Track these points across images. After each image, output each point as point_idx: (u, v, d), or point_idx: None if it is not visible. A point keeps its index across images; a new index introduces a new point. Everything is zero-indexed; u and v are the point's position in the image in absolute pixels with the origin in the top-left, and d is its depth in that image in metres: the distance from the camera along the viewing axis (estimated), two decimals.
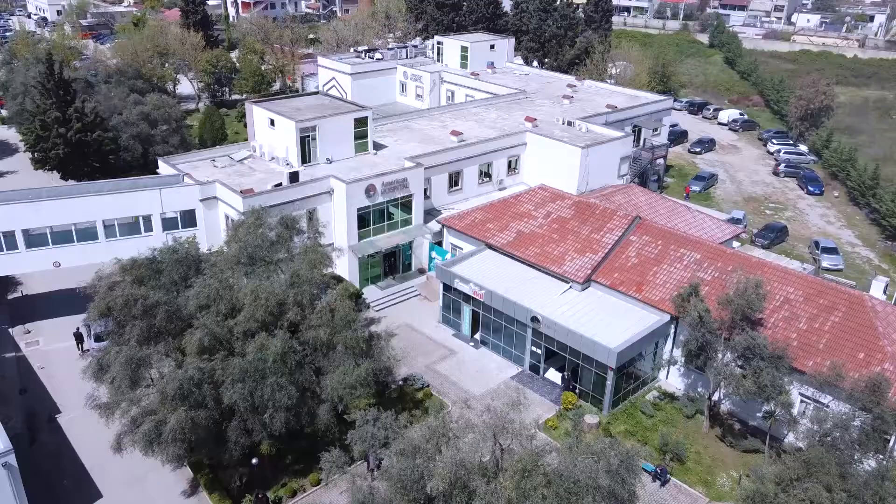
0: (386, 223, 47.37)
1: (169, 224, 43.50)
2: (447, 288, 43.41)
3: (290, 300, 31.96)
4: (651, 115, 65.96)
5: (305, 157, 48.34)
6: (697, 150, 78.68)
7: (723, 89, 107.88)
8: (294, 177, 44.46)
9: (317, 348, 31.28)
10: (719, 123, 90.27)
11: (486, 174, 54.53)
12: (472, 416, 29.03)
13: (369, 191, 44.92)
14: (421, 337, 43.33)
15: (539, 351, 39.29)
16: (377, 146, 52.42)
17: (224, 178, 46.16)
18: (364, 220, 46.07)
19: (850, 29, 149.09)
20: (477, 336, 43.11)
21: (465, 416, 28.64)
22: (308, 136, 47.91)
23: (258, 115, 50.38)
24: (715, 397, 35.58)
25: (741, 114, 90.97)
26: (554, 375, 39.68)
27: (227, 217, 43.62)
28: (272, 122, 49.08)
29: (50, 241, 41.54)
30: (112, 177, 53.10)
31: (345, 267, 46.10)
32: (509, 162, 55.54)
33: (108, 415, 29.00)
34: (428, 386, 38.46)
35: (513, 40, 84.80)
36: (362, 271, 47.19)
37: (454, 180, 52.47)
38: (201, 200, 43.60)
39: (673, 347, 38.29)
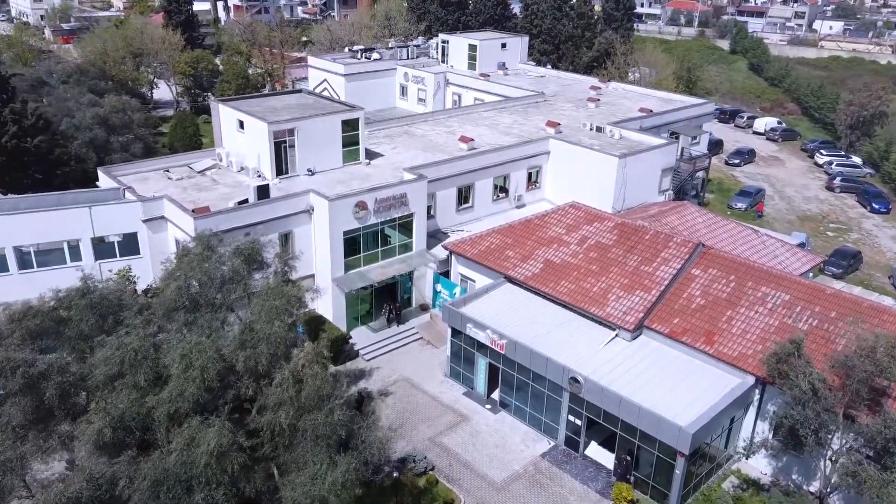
0: (380, 249, 38.15)
1: (103, 251, 34.30)
2: (457, 332, 34.12)
3: (240, 365, 22.76)
4: (690, 121, 57.03)
5: (281, 168, 39.22)
6: (736, 161, 69.65)
7: (753, 96, 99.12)
8: (263, 191, 35.31)
9: (276, 434, 21.98)
10: (755, 132, 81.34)
11: (501, 189, 45.39)
12: None
13: (359, 209, 35.76)
14: (423, 397, 33.96)
15: (578, 422, 29.92)
16: (371, 155, 43.36)
17: (178, 192, 37.08)
18: (353, 246, 36.87)
19: (878, 35, 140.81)
20: (495, 395, 33.79)
21: None
22: (284, 142, 38.81)
23: (225, 115, 41.35)
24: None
25: (779, 122, 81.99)
26: (597, 453, 30.30)
27: (177, 242, 34.43)
28: (241, 125, 40.03)
29: None
30: (64, 190, 44.00)
31: (328, 304, 36.87)
32: (529, 174, 46.41)
33: None
34: (433, 469, 29.06)
35: (526, 39, 76.00)
36: (350, 309, 37.91)
37: (464, 196, 43.32)
38: (145, 221, 34.43)
39: (757, 419, 28.89)
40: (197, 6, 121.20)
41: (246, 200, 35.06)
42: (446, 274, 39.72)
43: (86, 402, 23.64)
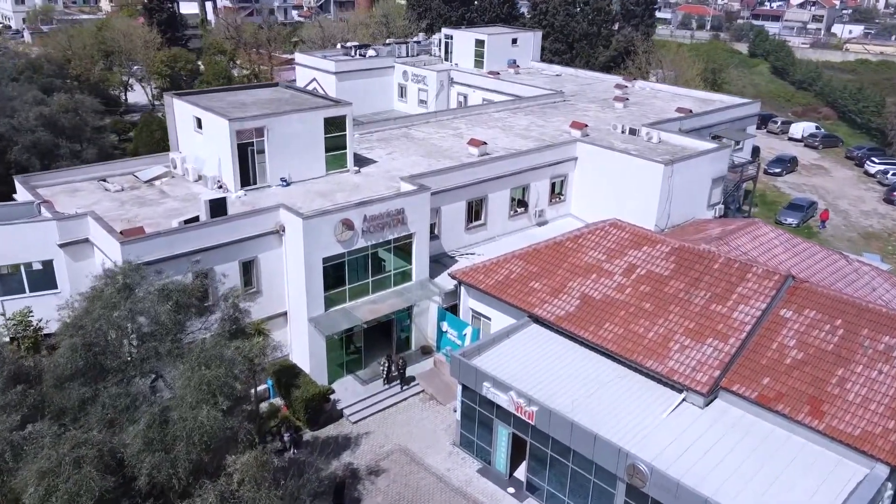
0: (371, 280, 30.23)
1: (8, 285, 26.38)
2: (469, 390, 26.14)
3: (143, 481, 14.84)
4: (733, 123, 49.39)
5: (248, 177, 31.39)
6: (777, 170, 61.85)
7: (782, 100, 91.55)
8: (219, 207, 27.39)
9: None
10: (790, 138, 73.54)
11: (520, 202, 37.55)
12: None
13: (344, 229, 27.88)
14: (426, 476, 25.92)
15: None
16: (361, 161, 35.57)
17: (113, 208, 29.25)
18: (336, 276, 28.97)
19: None
20: (520, 473, 25.78)
21: None
22: (251, 144, 31.00)
23: (181, 112, 33.57)
24: None
25: (818, 127, 74.21)
26: None
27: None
28: (199, 123, 32.24)
29: None
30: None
31: (304, 350, 28.97)
32: (553, 184, 38.58)
33: None
34: None
35: (539, 34, 68.40)
36: (332, 353, 29.95)
37: (474, 211, 35.49)
38: (62, 246, 26.52)
39: None
40: (187, 9, 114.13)
41: (195, 218, 27.15)
42: (454, 309, 31.82)
43: None
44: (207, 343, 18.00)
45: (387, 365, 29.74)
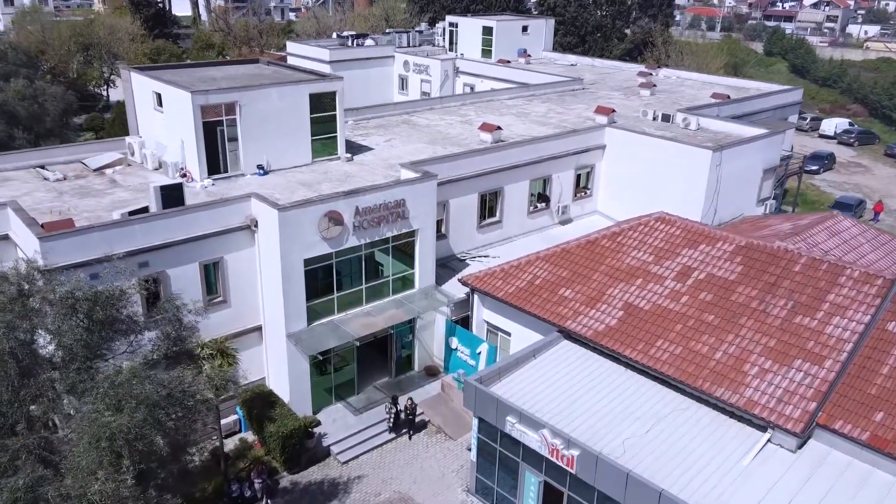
0: (364, 286, 24.85)
1: None
2: (485, 424, 20.69)
3: None
4: (774, 112, 44.14)
5: (216, 164, 26.04)
6: (814, 167, 56.57)
7: (806, 98, 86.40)
8: (173, 196, 22.00)
9: None
10: (821, 136, 68.37)
11: (540, 197, 32.22)
12: None
13: (330, 223, 22.53)
14: None
15: None
16: (355, 148, 30.29)
17: (50, 199, 23.94)
18: (322, 282, 23.63)
19: None
20: None
21: None
22: (220, 125, 25.70)
23: (140, 88, 28.29)
24: None
25: (851, 123, 69.15)
26: None
27: None
28: (159, 100, 26.94)
29: None
30: None
31: (283, 373, 23.57)
32: (578, 176, 33.25)
33: None
34: None
35: (551, 22, 63.29)
36: (317, 377, 24.52)
37: (488, 206, 30.14)
38: None
39: None
40: (182, 11, 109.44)
41: (144, 209, 21.81)
42: (465, 322, 26.38)
43: None
44: (123, 374, 12.60)
45: (394, 410, 23.96)
